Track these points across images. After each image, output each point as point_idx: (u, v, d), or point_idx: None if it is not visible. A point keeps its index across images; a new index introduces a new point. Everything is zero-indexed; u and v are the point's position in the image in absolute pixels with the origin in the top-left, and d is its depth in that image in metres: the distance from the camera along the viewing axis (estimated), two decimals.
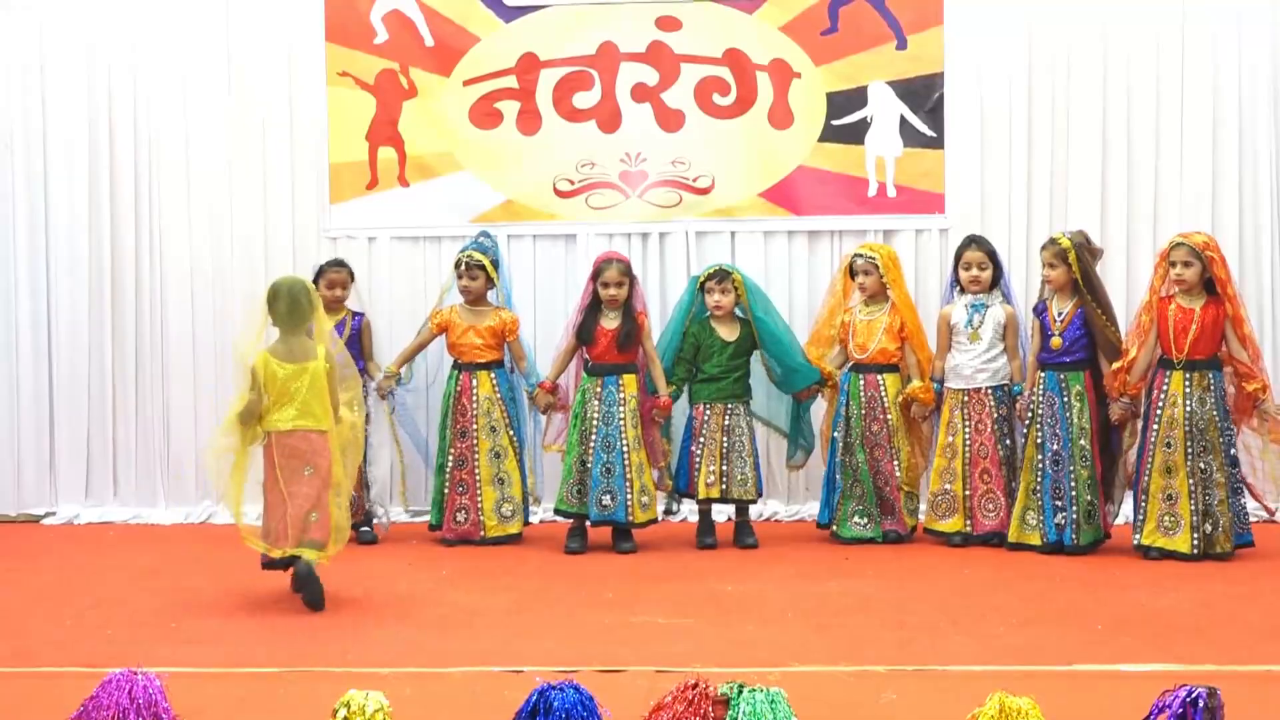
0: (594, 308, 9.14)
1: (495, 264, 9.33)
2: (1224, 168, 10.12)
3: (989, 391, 9.05)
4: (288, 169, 10.41)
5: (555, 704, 5.37)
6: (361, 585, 8.06)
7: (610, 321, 9.10)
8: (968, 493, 9.04)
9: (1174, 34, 10.12)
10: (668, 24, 10.29)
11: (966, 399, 9.07)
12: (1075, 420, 8.70)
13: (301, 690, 6.05)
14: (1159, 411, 8.47)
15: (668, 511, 9.63)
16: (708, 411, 9.22)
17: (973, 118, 10.20)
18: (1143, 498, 8.52)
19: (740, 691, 5.39)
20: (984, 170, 10.21)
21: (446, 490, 9.24)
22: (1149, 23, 10.13)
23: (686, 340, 9.29)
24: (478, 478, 9.20)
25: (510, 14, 10.31)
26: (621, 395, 9.05)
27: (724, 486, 9.17)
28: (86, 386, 10.48)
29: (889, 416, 9.15)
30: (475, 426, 9.20)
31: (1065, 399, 8.72)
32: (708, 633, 7.05)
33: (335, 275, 9.39)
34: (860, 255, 9.29)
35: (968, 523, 9.05)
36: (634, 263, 10.22)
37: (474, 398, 9.21)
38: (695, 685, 5.43)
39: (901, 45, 10.21)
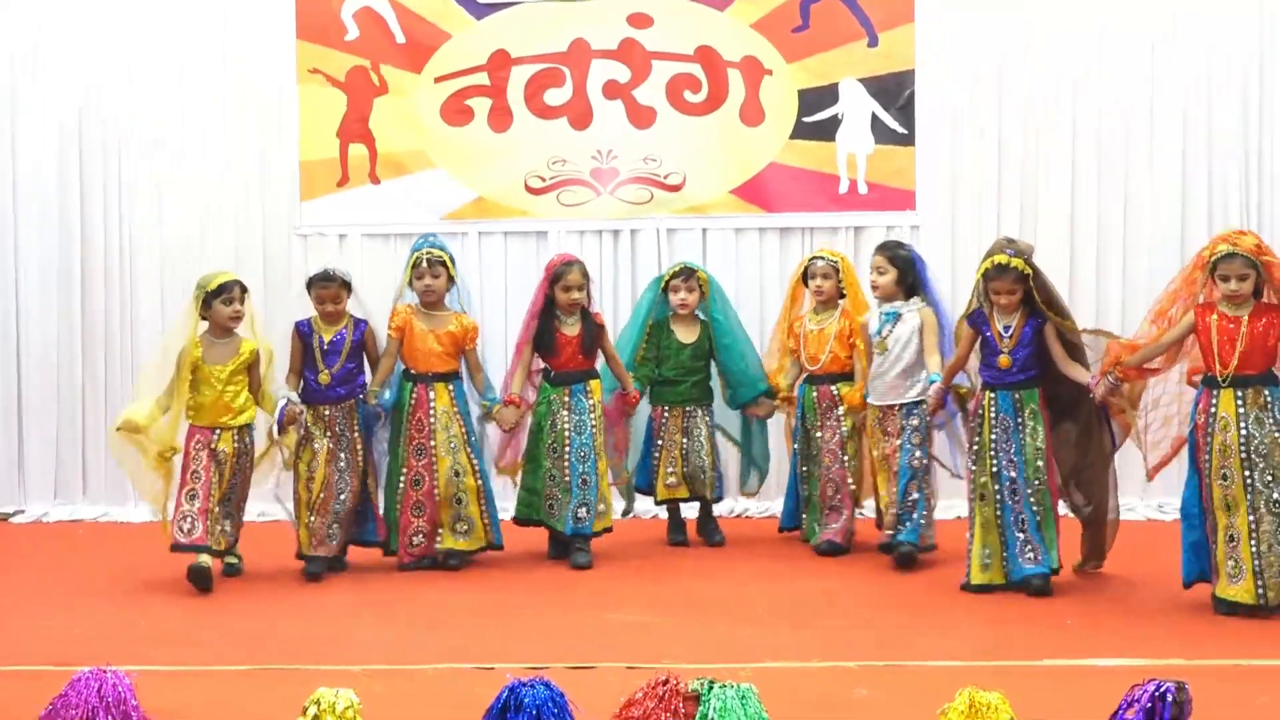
0: (548, 314, 8.57)
1: (453, 261, 8.58)
2: (1194, 165, 10.15)
3: (901, 409, 8.39)
4: (258, 166, 10.37)
5: (526, 701, 5.37)
6: (330, 584, 8.06)
7: (570, 328, 8.55)
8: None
9: (1146, 32, 10.15)
10: (639, 21, 10.28)
11: (882, 415, 8.47)
12: (1029, 442, 7.65)
13: (271, 688, 6.04)
14: (1209, 439, 7.12)
15: (625, 511, 9.35)
16: (666, 414, 9.02)
17: (944, 115, 10.22)
18: (1211, 543, 7.19)
19: (711, 687, 5.39)
20: (955, 167, 10.23)
21: (400, 512, 8.40)
22: (1121, 21, 10.15)
23: (649, 341, 9.03)
24: (436, 498, 8.35)
25: (482, 11, 10.29)
26: (590, 402, 8.56)
27: (687, 485, 8.99)
28: (55, 384, 10.43)
29: (842, 425, 8.73)
30: (434, 443, 8.35)
31: (1019, 420, 7.68)
32: (678, 629, 7.07)
33: (323, 290, 8.36)
34: (821, 258, 8.91)
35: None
36: (605, 260, 10.29)
37: (431, 411, 8.37)
38: (666, 681, 5.43)
39: (873, 42, 10.22)
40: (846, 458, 8.72)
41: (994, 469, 7.68)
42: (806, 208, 10.28)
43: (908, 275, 8.43)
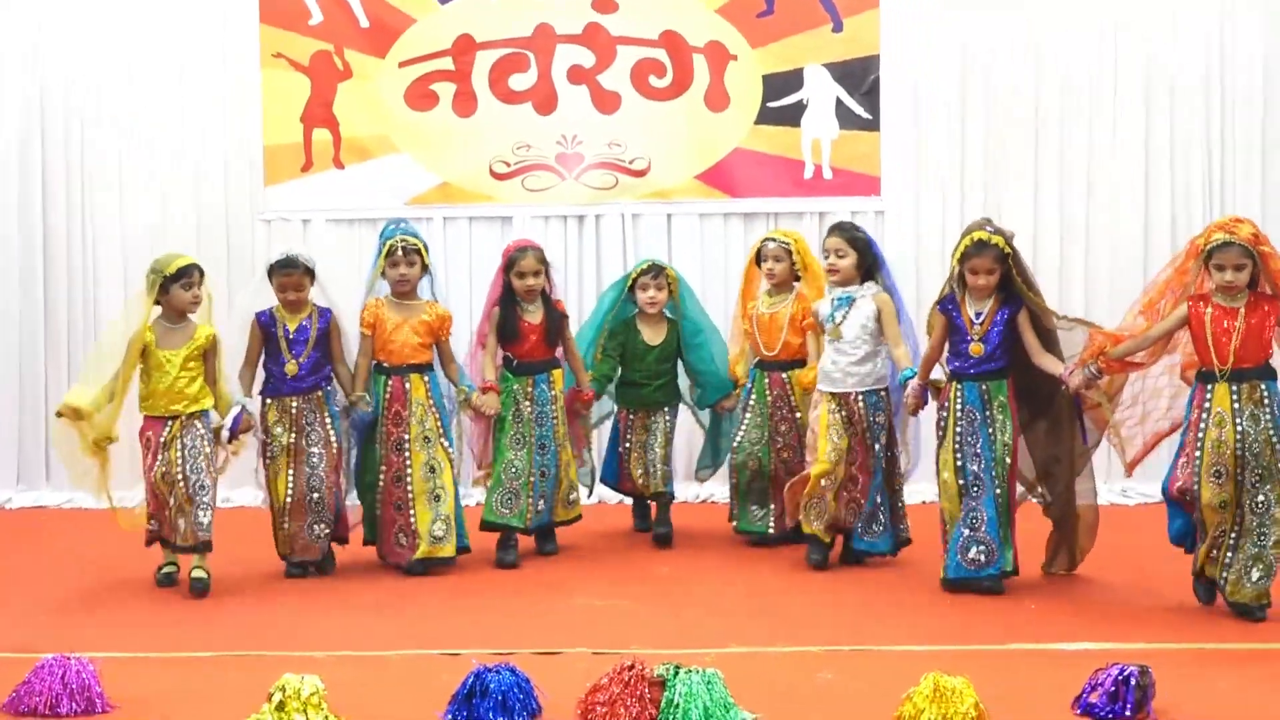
0: (508, 302, 8.21)
1: (428, 249, 8.14)
2: (1156, 150, 10.19)
3: (860, 397, 7.82)
4: (221, 151, 10.34)
5: (492, 686, 5.39)
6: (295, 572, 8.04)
7: (532, 315, 8.21)
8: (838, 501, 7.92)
9: (1109, 19, 10.19)
10: (604, 6, 10.27)
11: (837, 405, 7.83)
12: (998, 437, 7.27)
13: (236, 675, 6.02)
14: (1201, 434, 6.74)
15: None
16: (631, 417, 8.80)
17: (908, 100, 10.24)
18: (1199, 539, 6.89)
19: (676, 673, 5.41)
20: (919, 153, 10.25)
21: (380, 510, 8.02)
22: (1084, 7, 10.19)
23: (612, 339, 8.72)
24: (410, 494, 7.92)
25: None
26: (552, 393, 8.25)
27: (655, 483, 8.75)
28: (18, 370, 10.38)
29: (797, 416, 8.38)
30: (409, 437, 7.94)
31: (988, 413, 7.29)
32: (644, 615, 7.06)
33: (285, 278, 7.89)
34: (772, 240, 8.54)
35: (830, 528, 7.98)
36: (570, 246, 10.29)
37: (408, 404, 7.95)
38: (632, 667, 5.45)
39: (837, 28, 10.22)
40: (805, 450, 8.20)
41: (958, 463, 7.32)
42: (771, 193, 10.29)
43: (865, 258, 7.93)
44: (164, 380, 7.57)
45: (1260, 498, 6.68)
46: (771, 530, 8.52)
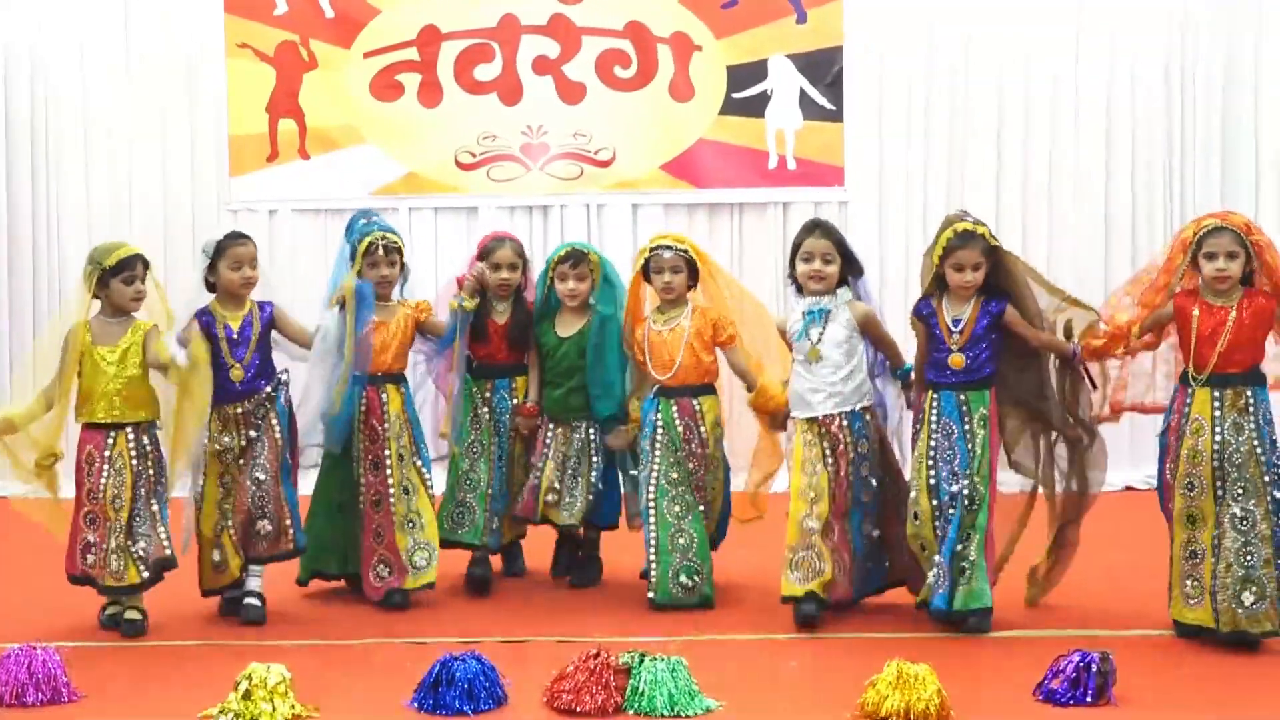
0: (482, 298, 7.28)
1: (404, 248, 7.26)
2: (1117, 143, 10.24)
3: (843, 423, 6.60)
4: (187, 141, 10.32)
5: (458, 675, 5.39)
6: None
7: (500, 315, 7.29)
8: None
9: (1074, 11, 10.25)
10: None
11: (821, 429, 6.59)
12: (979, 453, 6.36)
13: (203, 664, 6.02)
14: (1179, 442, 6.13)
15: None
16: (552, 426, 7.28)
17: (872, 91, 10.27)
18: (1169, 557, 6.27)
19: (641, 660, 5.43)
20: (883, 143, 10.28)
21: (360, 538, 7.05)
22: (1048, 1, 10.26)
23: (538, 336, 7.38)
24: (394, 520, 6.97)
25: None
26: (514, 403, 7.29)
27: (569, 510, 7.22)
28: None
29: (706, 450, 7.00)
30: (388, 453, 7.01)
31: (966, 427, 6.38)
32: (609, 604, 7.06)
33: (241, 249, 6.76)
34: (667, 248, 6.98)
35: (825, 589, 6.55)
36: (535, 237, 10.26)
37: (385, 417, 7.03)
38: (597, 655, 5.46)
39: (801, 19, 10.24)
40: (711, 488, 7.09)
41: (931, 481, 6.45)
42: (736, 183, 10.30)
43: (847, 264, 6.76)
44: (100, 380, 6.50)
45: (1240, 513, 5.98)
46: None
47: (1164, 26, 10.23)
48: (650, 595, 6.90)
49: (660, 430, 6.98)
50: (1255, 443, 6.01)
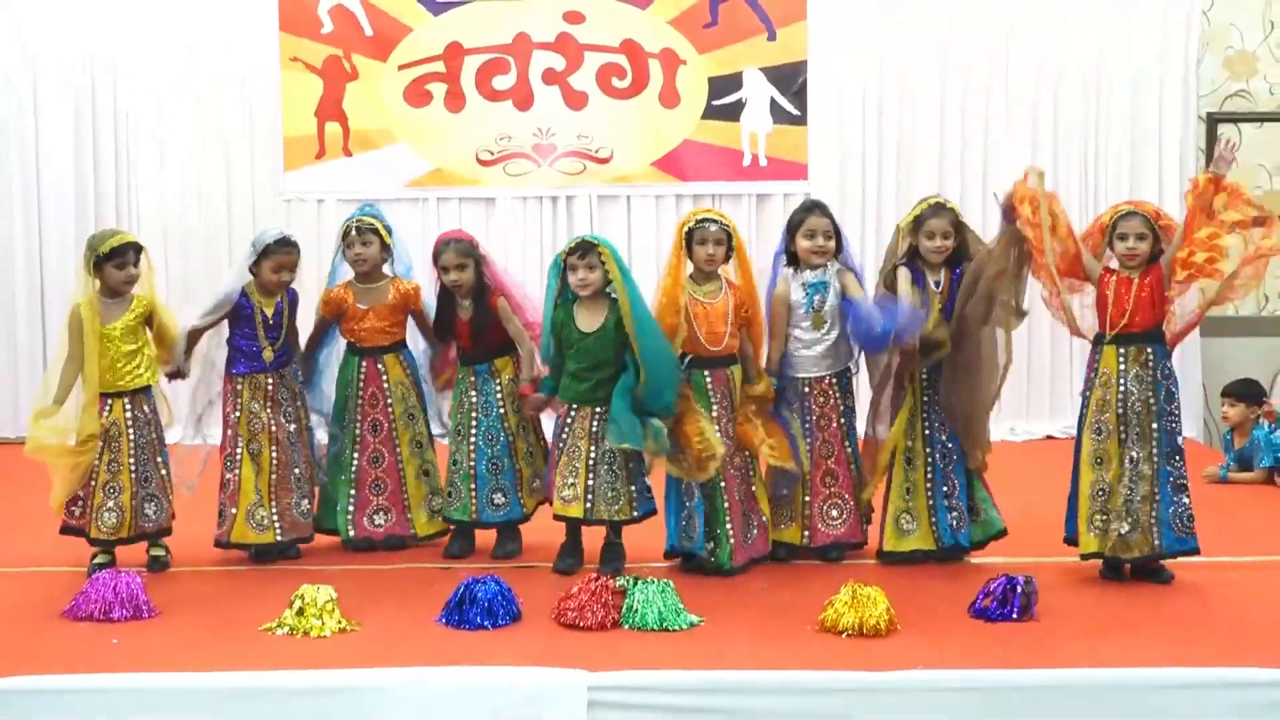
0: (446, 295, 6.65)
1: (389, 230, 6.75)
2: (1041, 140, 10.23)
3: (833, 380, 6.39)
4: (247, 142, 10.27)
5: (479, 595, 5.42)
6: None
7: (464, 311, 6.62)
8: (807, 498, 6.37)
9: (1004, 27, 10.24)
10: (573, 18, 10.22)
11: (807, 389, 6.37)
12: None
13: (262, 585, 6.02)
14: (1088, 393, 6.08)
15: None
16: (573, 413, 6.29)
17: (832, 99, 10.25)
18: (1075, 497, 6.14)
19: (635, 583, 5.46)
20: (842, 144, 10.27)
21: (355, 492, 6.71)
22: (985, 17, 10.23)
23: (555, 328, 6.34)
24: (401, 474, 6.72)
25: (438, 8, 10.21)
26: (497, 381, 6.59)
27: (589, 504, 6.20)
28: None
29: (733, 420, 6.31)
30: (393, 416, 6.68)
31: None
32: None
33: (284, 258, 6.55)
34: (712, 221, 6.27)
35: (805, 534, 6.38)
36: (545, 223, 10.26)
37: (384, 384, 6.68)
38: (598, 578, 5.49)
39: (771, 37, 10.21)
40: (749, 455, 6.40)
41: (925, 431, 6.33)
42: (715, 178, 10.28)
43: (839, 242, 6.46)
44: (106, 354, 6.24)
45: (1134, 453, 5.93)
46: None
47: (1082, 37, 10.21)
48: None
49: (699, 400, 6.23)
50: (1150, 394, 5.94)
